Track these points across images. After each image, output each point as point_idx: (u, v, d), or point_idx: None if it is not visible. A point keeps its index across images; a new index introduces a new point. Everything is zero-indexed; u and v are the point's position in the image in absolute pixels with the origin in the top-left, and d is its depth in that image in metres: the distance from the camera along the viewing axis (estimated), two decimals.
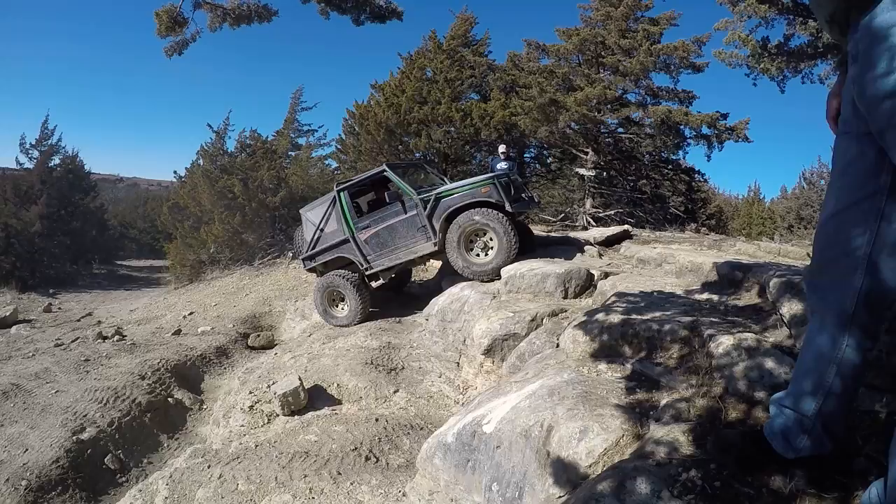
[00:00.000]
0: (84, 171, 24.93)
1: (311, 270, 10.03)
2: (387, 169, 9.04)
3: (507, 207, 8.08)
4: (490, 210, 8.11)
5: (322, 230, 9.31)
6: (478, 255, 8.26)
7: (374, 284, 9.85)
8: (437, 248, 8.50)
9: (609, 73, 17.52)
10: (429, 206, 8.46)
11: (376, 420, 5.99)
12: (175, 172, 21.93)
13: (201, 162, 20.00)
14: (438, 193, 8.47)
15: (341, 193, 9.10)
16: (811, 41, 12.14)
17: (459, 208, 8.29)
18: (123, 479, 6.29)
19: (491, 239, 8.13)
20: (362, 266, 9.07)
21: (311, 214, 9.51)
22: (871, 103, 1.46)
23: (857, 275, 1.68)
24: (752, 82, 13.32)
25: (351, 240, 9.02)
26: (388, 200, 9.63)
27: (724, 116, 16.54)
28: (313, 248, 9.49)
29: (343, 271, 9.27)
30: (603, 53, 17.68)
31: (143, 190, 52.01)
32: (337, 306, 9.36)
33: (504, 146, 13.69)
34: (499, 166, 13.09)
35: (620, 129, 17.90)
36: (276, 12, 6.46)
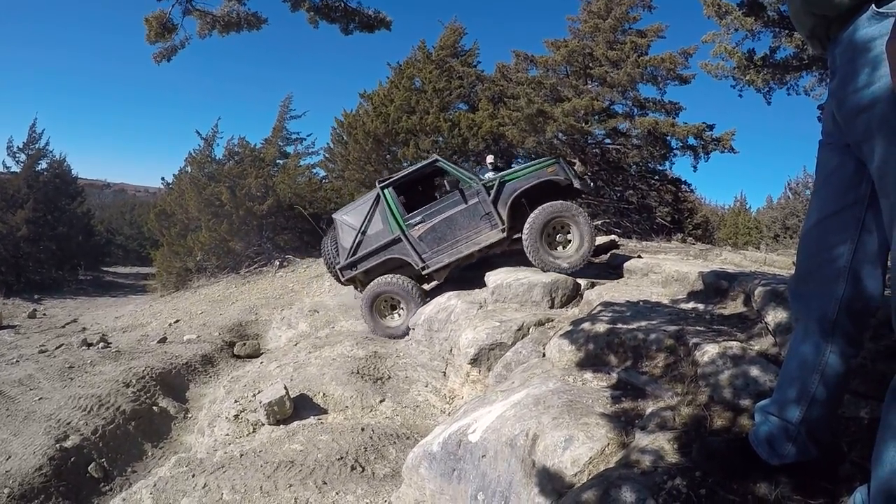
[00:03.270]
0: (71, 176, 24.74)
1: (350, 281, 8.94)
2: (439, 159, 8.87)
3: (576, 185, 8.14)
4: (571, 204, 8.07)
5: (364, 233, 8.50)
6: (559, 247, 7.98)
7: (426, 287, 9.19)
8: (504, 234, 8.15)
9: (596, 84, 17.64)
10: (493, 192, 8.18)
11: (362, 429, 5.95)
12: (163, 179, 21.93)
13: (189, 169, 19.97)
14: (502, 177, 8.30)
15: (386, 190, 8.48)
16: (797, 53, 12.27)
17: (525, 191, 8.15)
18: (107, 487, 6.23)
19: (569, 231, 7.93)
20: (418, 266, 8.36)
21: (349, 217, 8.67)
22: (848, 116, 1.49)
23: (839, 283, 1.70)
24: (738, 94, 13.44)
25: (403, 238, 8.33)
26: (438, 193, 9.35)
27: (711, 127, 16.68)
28: (354, 255, 8.54)
29: (393, 275, 8.55)
30: (591, 65, 17.80)
31: (130, 196, 51.82)
32: (390, 315, 8.68)
33: (492, 157, 13.69)
34: (486, 176, 13.16)
35: (607, 140, 18.03)
36: (265, 20, 6.47)
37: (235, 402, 7.04)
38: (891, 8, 1.35)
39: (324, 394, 6.85)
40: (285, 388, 6.62)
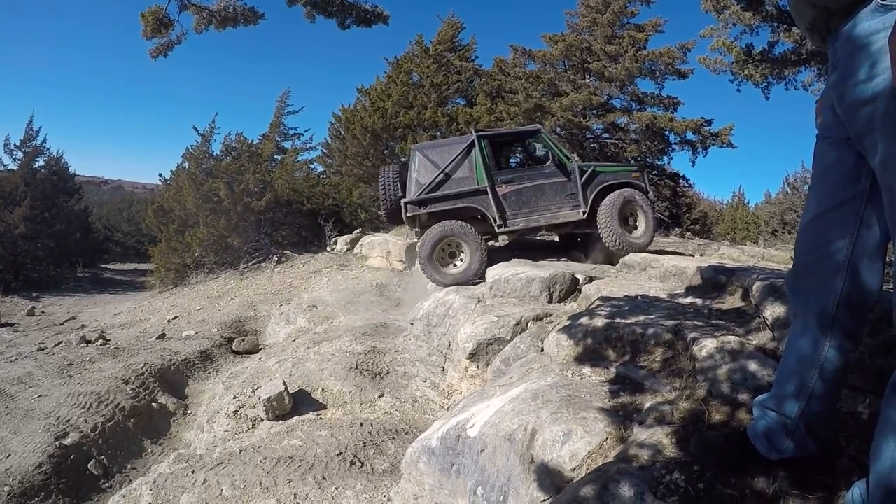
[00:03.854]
0: (69, 173, 24.65)
1: (410, 220, 8.67)
2: (541, 128, 9.33)
3: (650, 195, 8.94)
4: (641, 194, 8.70)
5: (447, 174, 8.45)
6: (630, 231, 8.56)
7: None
8: (584, 216, 8.51)
9: (595, 78, 17.64)
10: (585, 176, 8.61)
11: (361, 425, 5.95)
12: (160, 175, 21.82)
13: (186, 165, 19.92)
14: (596, 167, 8.82)
15: (483, 141, 8.58)
16: (795, 48, 12.25)
17: (611, 185, 8.66)
18: (107, 484, 6.23)
19: (638, 214, 8.60)
20: (496, 222, 8.40)
21: (434, 154, 8.59)
22: (849, 109, 1.49)
23: (837, 278, 1.71)
24: (736, 88, 13.42)
25: (489, 191, 8.39)
26: (528, 161, 9.67)
27: (709, 122, 16.68)
28: (431, 192, 8.42)
29: (462, 222, 8.39)
30: (589, 59, 17.78)
31: (127, 193, 51.64)
32: (450, 263, 8.51)
33: None
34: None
35: (606, 135, 18.00)
36: (262, 15, 6.45)
37: (234, 397, 7.04)
38: (894, 1, 1.35)
39: (322, 389, 6.85)
40: (284, 383, 6.62)
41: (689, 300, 4.92)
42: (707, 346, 3.23)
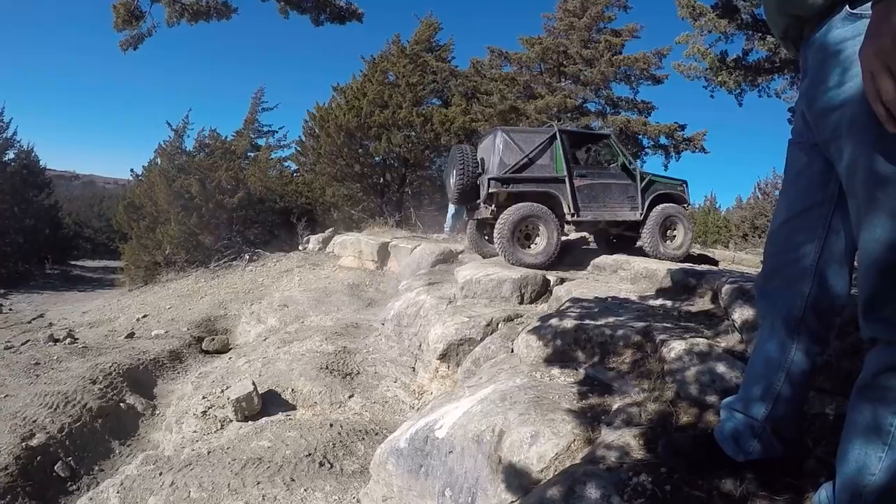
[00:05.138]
0: (39, 167, 24.26)
1: (489, 197, 8.70)
2: (611, 135, 10.29)
3: (688, 207, 10.06)
4: (683, 209, 9.54)
5: (531, 159, 8.76)
6: (668, 240, 9.22)
7: None
8: (640, 218, 9.06)
9: (570, 82, 17.76)
10: (644, 183, 9.20)
11: (331, 425, 5.90)
12: (132, 171, 21.52)
13: (159, 161, 19.68)
14: (652, 176, 9.41)
15: (563, 135, 9.02)
16: (769, 56, 12.44)
17: (662, 195, 9.33)
18: (74, 486, 6.10)
19: (677, 228, 9.27)
20: (570, 210, 8.73)
21: (519, 138, 8.86)
22: (818, 115, 1.50)
23: (805, 282, 1.72)
24: (709, 94, 13.58)
25: (567, 181, 8.76)
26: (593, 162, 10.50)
27: (682, 127, 16.90)
28: (516, 173, 8.67)
29: (543, 205, 8.68)
30: (565, 63, 17.90)
31: (99, 188, 51.03)
32: (526, 244, 8.57)
33: None
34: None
35: None
36: (235, 10, 6.39)
37: (203, 398, 6.96)
38: (865, 9, 1.35)
39: (292, 389, 6.79)
40: (253, 383, 6.55)
41: (658, 302, 4.94)
42: (676, 348, 3.23)
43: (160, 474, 5.19)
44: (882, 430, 1.38)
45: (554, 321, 4.39)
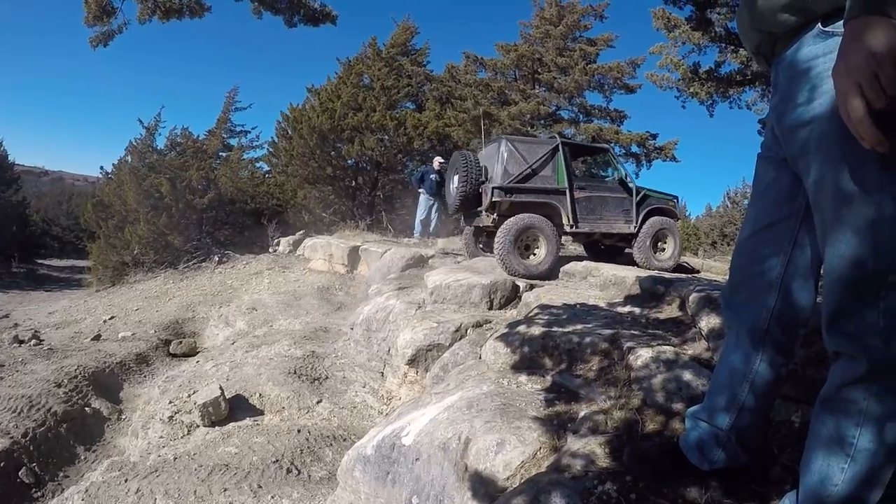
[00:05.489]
0: (7, 162, 23.88)
1: (491, 206, 8.71)
2: (609, 149, 10.64)
3: (676, 219, 10.10)
4: (674, 221, 9.77)
5: (534, 170, 8.86)
6: (658, 251, 9.48)
7: None
8: (634, 231, 9.27)
9: (544, 89, 17.88)
10: (639, 197, 9.42)
11: (298, 431, 5.85)
12: (101, 168, 21.18)
13: (129, 159, 19.41)
14: (647, 191, 9.62)
15: (565, 148, 9.11)
16: (741, 69, 12.61)
17: (656, 209, 9.55)
18: (38, 493, 5.96)
19: (667, 240, 9.55)
20: (569, 221, 8.85)
21: (523, 148, 8.95)
22: (787, 131, 1.52)
23: (770, 295, 1.75)
24: (681, 105, 13.73)
25: (567, 193, 8.87)
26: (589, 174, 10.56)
27: (654, 136, 17.07)
28: (519, 183, 8.74)
29: (543, 217, 8.77)
30: (539, 70, 18.02)
31: (68, 185, 49.99)
32: (528, 255, 8.62)
33: (441, 160, 13.72)
34: (432, 176, 13.28)
35: None
36: (208, 8, 6.33)
37: (170, 402, 6.86)
38: (837, 27, 1.36)
39: (260, 394, 6.73)
40: (221, 388, 6.47)
41: (627, 309, 4.98)
42: (643, 355, 3.25)
43: (126, 481, 5.11)
44: (845, 443, 1.41)
45: (522, 328, 4.40)
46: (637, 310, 4.88)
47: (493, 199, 8.50)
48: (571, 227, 8.83)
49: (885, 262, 1.29)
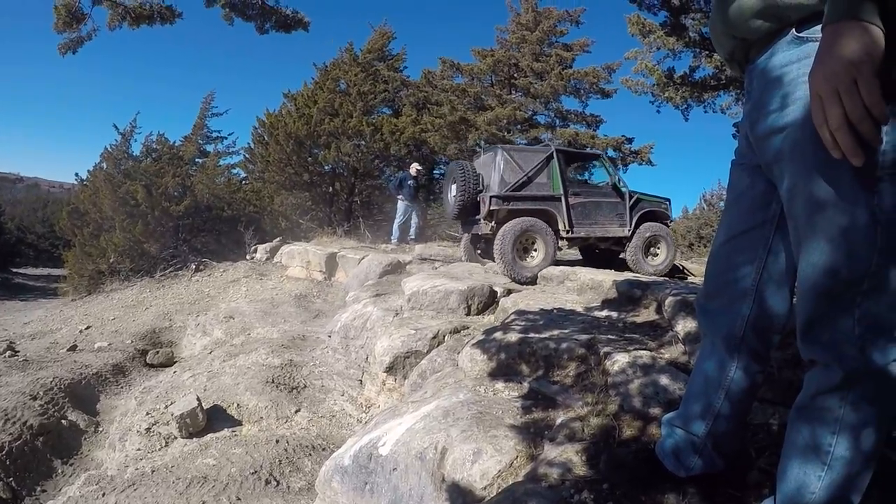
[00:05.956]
0: None
1: (489, 214, 9.00)
2: (603, 155, 11.05)
3: (670, 223, 10.48)
4: (666, 227, 10.02)
5: (530, 178, 9.16)
6: (651, 257, 9.74)
7: None
8: (628, 234, 9.55)
9: (520, 94, 17.95)
10: (632, 201, 9.73)
11: (277, 441, 5.80)
12: (77, 175, 20.93)
13: (105, 165, 19.24)
14: (641, 195, 9.91)
15: (560, 155, 9.42)
16: (715, 73, 12.73)
17: (648, 212, 9.85)
18: None
19: (659, 246, 9.76)
20: (565, 226, 9.15)
21: (518, 157, 9.27)
22: (760, 138, 1.51)
23: (745, 302, 1.75)
24: (656, 109, 13.85)
25: (563, 199, 9.18)
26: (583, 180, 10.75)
27: (630, 141, 17.21)
28: (516, 191, 9.05)
29: (540, 220, 9.00)
30: (516, 75, 18.11)
31: (43, 192, 49.24)
32: (526, 257, 8.88)
33: (418, 166, 13.84)
34: (409, 182, 13.35)
35: None
36: (179, 14, 6.30)
37: (147, 414, 6.79)
38: (811, 33, 1.37)
39: (238, 404, 6.67)
40: (198, 399, 6.42)
41: (604, 313, 4.98)
42: (619, 360, 3.25)
43: (103, 495, 5.06)
44: (821, 450, 1.42)
45: (498, 334, 4.38)
46: (614, 314, 4.89)
47: (491, 208, 8.79)
48: (568, 231, 9.12)
49: (859, 270, 1.30)
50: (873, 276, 1.29)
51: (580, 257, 10.97)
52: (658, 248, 9.79)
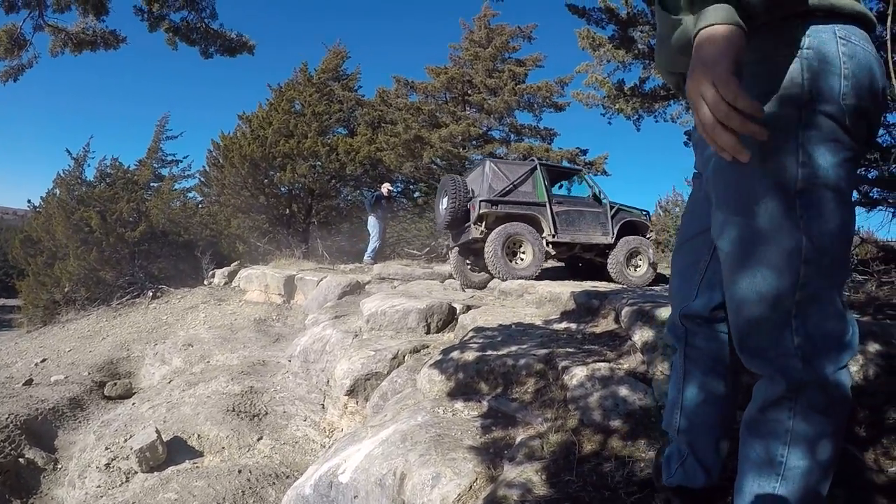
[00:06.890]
0: None
1: (479, 217, 9.62)
2: (583, 170, 12.06)
3: (649, 235, 11.14)
4: (647, 241, 10.58)
5: (515, 186, 9.87)
6: (632, 268, 10.20)
7: None
8: (611, 241, 10.06)
9: (474, 110, 18.08)
10: (613, 211, 10.36)
11: (239, 471, 5.69)
12: (29, 202, 20.47)
13: (57, 191, 18.91)
14: (621, 206, 10.58)
15: (543, 168, 10.29)
16: (664, 84, 12.93)
17: (629, 222, 10.44)
18: None
19: (640, 258, 10.24)
20: (550, 231, 9.72)
21: (504, 168, 10.09)
22: (698, 151, 1.61)
23: (690, 299, 1.80)
24: (607, 121, 14.08)
25: (547, 206, 9.86)
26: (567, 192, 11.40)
27: (584, 152, 17.41)
28: (502, 197, 9.71)
29: (527, 224, 9.69)
30: (469, 92, 18.24)
31: None
32: (515, 259, 9.53)
33: (389, 186, 14.26)
34: (382, 200, 13.76)
35: None
36: (123, 39, 6.22)
37: (106, 448, 6.65)
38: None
39: (198, 435, 6.56)
40: (157, 431, 6.29)
41: (563, 326, 5.01)
42: (578, 374, 3.26)
43: None
44: (774, 462, 1.42)
45: (456, 353, 4.37)
46: (573, 325, 4.92)
47: (481, 212, 9.43)
48: (553, 235, 9.70)
49: (787, 283, 1.32)
50: (803, 287, 1.31)
51: (566, 274, 11.29)
52: (640, 260, 10.25)
